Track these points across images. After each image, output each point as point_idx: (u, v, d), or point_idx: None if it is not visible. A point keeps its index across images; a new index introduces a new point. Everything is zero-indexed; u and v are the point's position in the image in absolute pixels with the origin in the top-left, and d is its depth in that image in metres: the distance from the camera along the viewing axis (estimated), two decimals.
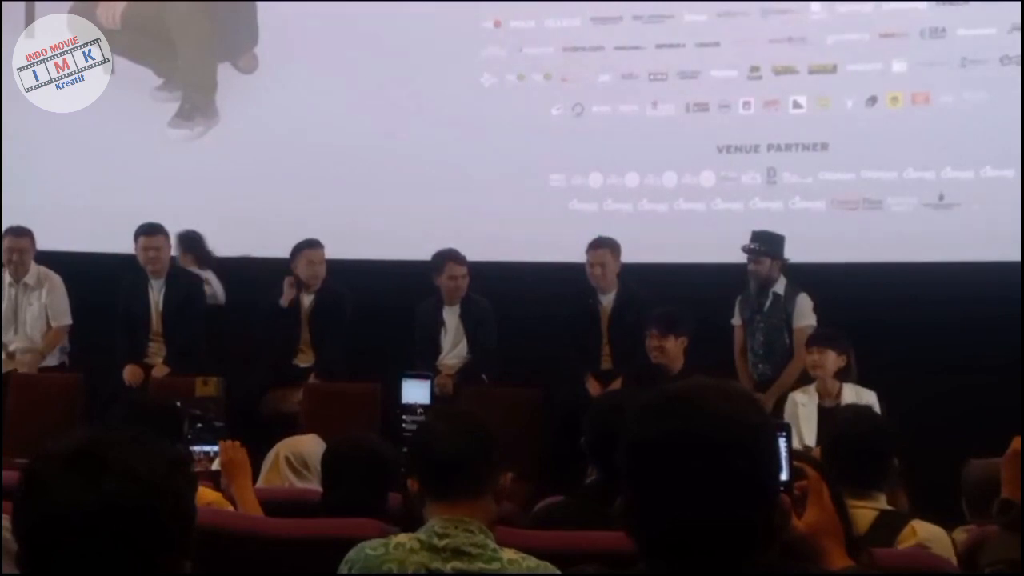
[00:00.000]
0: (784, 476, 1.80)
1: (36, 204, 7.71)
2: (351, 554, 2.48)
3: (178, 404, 4.35)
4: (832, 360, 5.77)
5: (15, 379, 6.84)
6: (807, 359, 5.86)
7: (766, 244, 6.37)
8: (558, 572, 2.41)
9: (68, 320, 7.13)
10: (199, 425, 4.32)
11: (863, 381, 5.81)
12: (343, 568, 2.47)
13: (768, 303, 6.36)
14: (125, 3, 8.12)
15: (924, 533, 3.19)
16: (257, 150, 7.79)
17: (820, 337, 5.91)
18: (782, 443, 1.75)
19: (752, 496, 1.49)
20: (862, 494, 3.22)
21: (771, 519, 1.51)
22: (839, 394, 5.76)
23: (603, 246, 6.65)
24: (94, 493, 1.51)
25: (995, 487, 3.09)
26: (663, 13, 7.35)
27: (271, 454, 4.31)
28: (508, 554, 2.42)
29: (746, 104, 7.22)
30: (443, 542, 2.39)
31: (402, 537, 2.47)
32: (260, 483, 4.23)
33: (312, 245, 6.97)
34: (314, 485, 4.20)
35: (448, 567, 2.37)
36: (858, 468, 3.24)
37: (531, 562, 2.42)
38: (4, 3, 7.67)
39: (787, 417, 5.67)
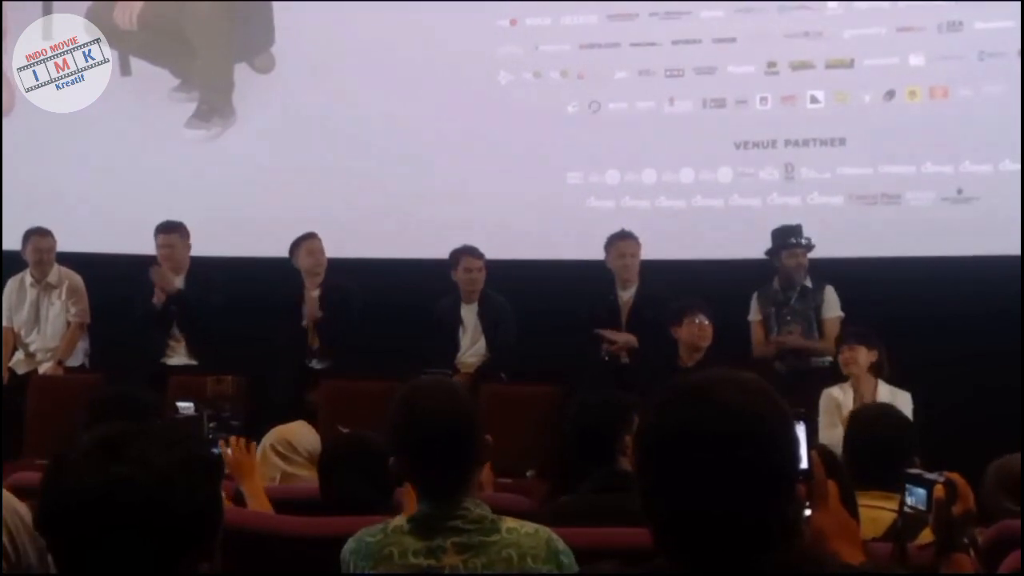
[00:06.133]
0: (804, 465, 1.78)
1: (52, 205, 7.75)
2: (350, 544, 2.48)
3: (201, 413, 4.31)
4: (864, 356, 5.77)
5: (37, 380, 6.87)
6: (840, 357, 5.85)
7: (801, 235, 6.39)
8: (553, 536, 2.41)
9: (87, 318, 7.16)
10: (212, 424, 4.30)
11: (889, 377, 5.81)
12: (345, 555, 2.48)
13: (795, 296, 6.36)
14: (142, 4, 8.15)
15: None
16: (274, 150, 7.81)
17: (850, 335, 5.91)
18: (801, 432, 1.73)
19: (764, 488, 1.48)
20: (883, 495, 3.18)
21: (787, 511, 1.50)
22: (875, 391, 5.75)
23: (633, 237, 6.65)
24: (103, 477, 1.53)
25: (1012, 484, 3.07)
26: (679, 9, 7.34)
27: (259, 448, 4.30)
28: (508, 523, 2.41)
29: (763, 100, 7.21)
30: (440, 523, 2.39)
31: (398, 520, 2.46)
32: None
33: (309, 237, 6.98)
34: (303, 468, 4.19)
35: (448, 543, 2.37)
36: (879, 468, 3.21)
37: (529, 528, 2.41)
38: (22, 3, 7.70)
39: (821, 412, 5.67)
